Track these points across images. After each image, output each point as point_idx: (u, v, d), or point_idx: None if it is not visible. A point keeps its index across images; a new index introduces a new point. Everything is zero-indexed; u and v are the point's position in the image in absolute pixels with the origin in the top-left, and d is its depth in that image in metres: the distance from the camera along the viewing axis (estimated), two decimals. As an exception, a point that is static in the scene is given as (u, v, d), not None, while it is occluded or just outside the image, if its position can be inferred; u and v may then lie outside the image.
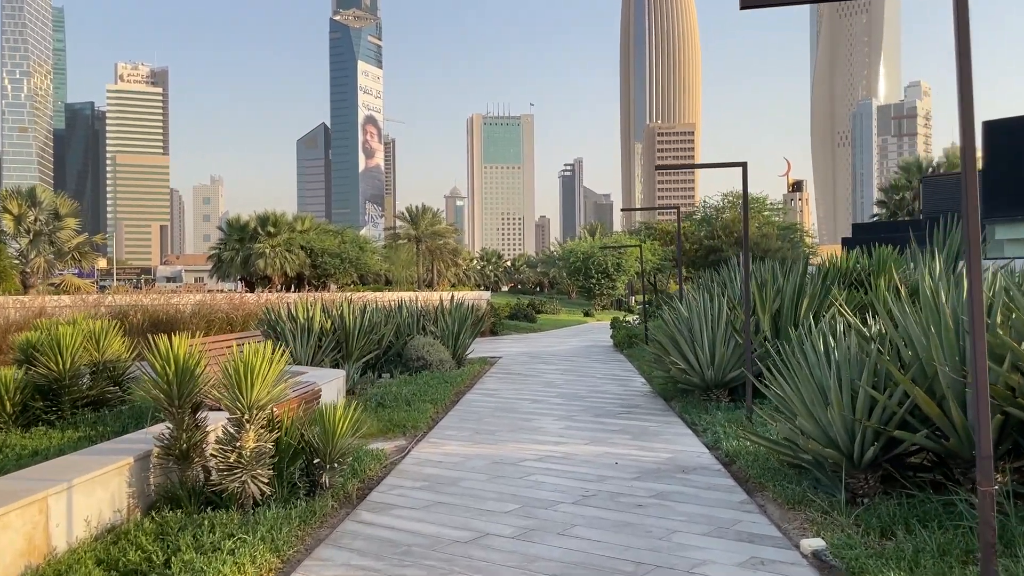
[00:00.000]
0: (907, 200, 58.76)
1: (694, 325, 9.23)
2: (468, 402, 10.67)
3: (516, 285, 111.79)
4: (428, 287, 69.91)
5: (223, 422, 5.27)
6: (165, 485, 5.29)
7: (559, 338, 26.15)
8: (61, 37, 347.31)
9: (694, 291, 15.85)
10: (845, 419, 5.11)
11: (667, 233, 66.41)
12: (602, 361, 16.65)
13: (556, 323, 35.73)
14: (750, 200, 70.25)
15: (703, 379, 9.13)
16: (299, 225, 71.95)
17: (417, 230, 70.46)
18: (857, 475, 5.27)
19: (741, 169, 8.66)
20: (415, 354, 12.93)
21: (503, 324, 28.03)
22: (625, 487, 6.00)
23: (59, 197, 40.37)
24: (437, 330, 14.48)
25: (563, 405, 10.30)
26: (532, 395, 11.33)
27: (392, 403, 9.77)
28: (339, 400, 9.85)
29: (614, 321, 21.26)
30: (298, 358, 11.58)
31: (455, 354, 14.29)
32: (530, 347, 21.32)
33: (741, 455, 6.78)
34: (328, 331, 12.08)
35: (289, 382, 5.72)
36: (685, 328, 9.37)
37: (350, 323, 12.19)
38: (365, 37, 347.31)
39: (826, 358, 5.39)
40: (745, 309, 8.41)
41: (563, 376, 13.78)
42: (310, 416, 5.95)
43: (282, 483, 5.34)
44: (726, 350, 8.95)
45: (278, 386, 5.29)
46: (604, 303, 51.09)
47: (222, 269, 69.93)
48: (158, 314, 18.36)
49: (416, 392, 10.46)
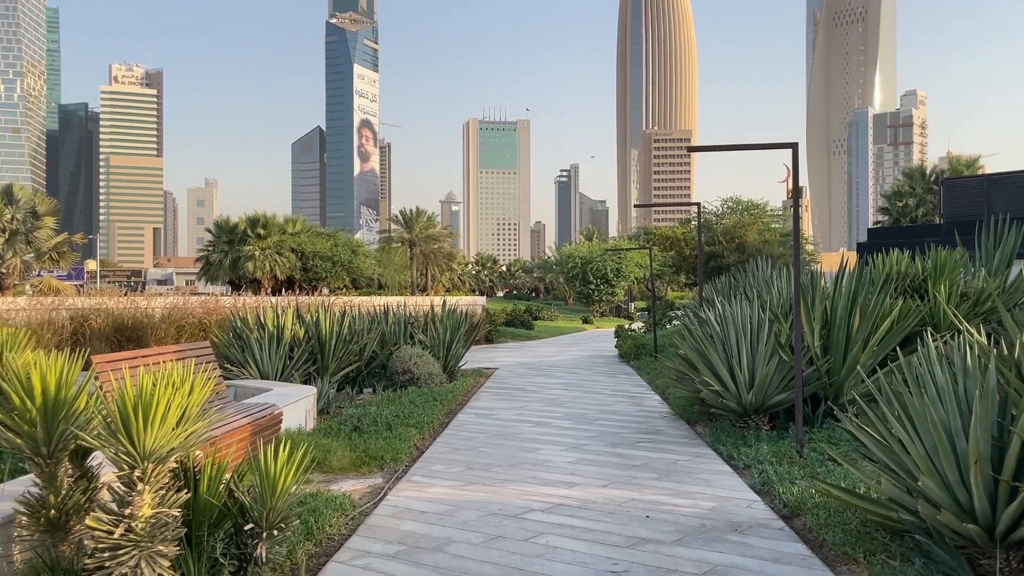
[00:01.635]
0: (910, 207, 57.66)
1: (730, 338, 7.75)
2: (460, 425, 9.18)
3: (512, 290, 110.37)
4: (422, 291, 68.37)
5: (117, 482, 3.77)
6: (34, 563, 3.80)
7: (559, 347, 24.67)
8: (55, 38, 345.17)
9: (723, 297, 14.42)
10: (987, 479, 3.65)
11: (667, 238, 65.07)
12: (608, 374, 15.18)
13: (554, 330, 34.24)
14: (750, 206, 69.13)
15: (740, 402, 7.67)
16: (290, 227, 70.33)
17: (411, 233, 68.92)
18: (994, 553, 3.81)
19: (791, 152, 7.23)
20: (401, 367, 11.44)
21: (499, 331, 26.55)
22: (667, 559, 4.51)
23: (38, 195, 38.81)
24: (427, 339, 12.98)
25: (571, 430, 8.82)
26: (534, 416, 9.85)
27: (370, 427, 8.27)
28: (308, 423, 8.37)
29: (618, 330, 19.80)
30: (265, 372, 10.07)
31: (446, 366, 12.80)
32: (528, 357, 19.84)
33: (805, 506, 5.31)
34: (301, 341, 10.58)
35: (213, 418, 4.22)
36: (718, 342, 7.89)
37: (326, 332, 10.69)
38: (361, 40, 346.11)
39: (951, 392, 3.92)
40: (796, 320, 6.95)
41: (567, 392, 12.30)
42: (267, 443, 4.44)
43: (198, 561, 3.84)
44: (769, 369, 7.48)
45: (195, 424, 3.79)
46: (603, 310, 49.61)
47: (210, 272, 68.29)
48: (123, 318, 16.80)
49: (399, 413, 8.96)
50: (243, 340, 10.22)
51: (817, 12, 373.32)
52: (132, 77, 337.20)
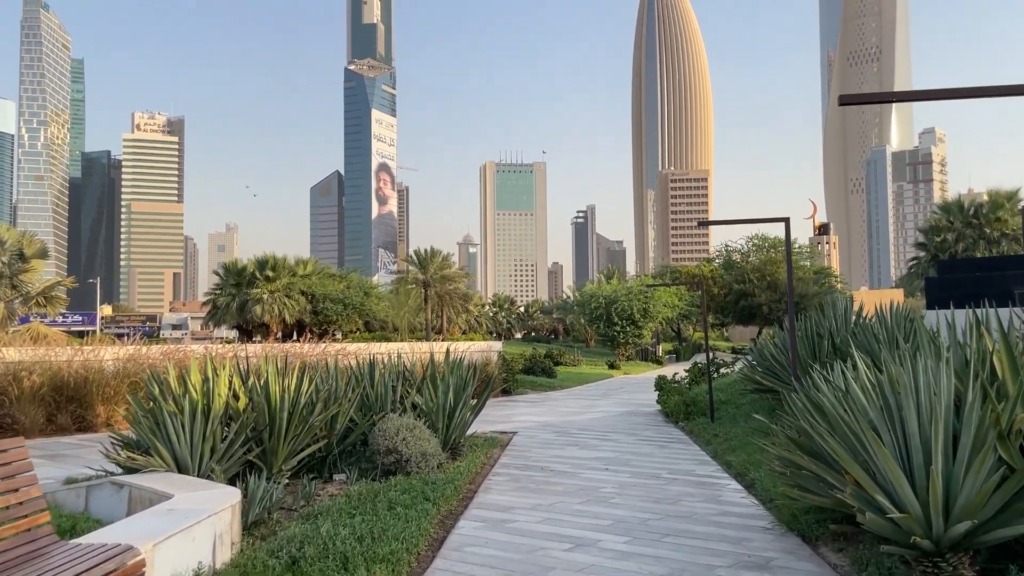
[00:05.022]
0: (949, 242, 54.41)
1: (908, 424, 4.64)
2: (459, 547, 6.05)
3: (530, 332, 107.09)
4: (437, 334, 65.36)
5: None
6: None
7: (586, 399, 21.46)
8: (80, 88, 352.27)
9: (810, 349, 11.26)
10: None
11: (693, 276, 61.76)
12: (657, 443, 11.98)
13: (579, 377, 31.00)
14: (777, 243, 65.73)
15: (928, 530, 4.51)
16: (301, 269, 67.85)
17: (426, 274, 66.17)
18: None
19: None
20: (385, 445, 8.37)
21: (517, 380, 23.41)
22: None
23: (25, 237, 36.52)
24: (423, 401, 9.92)
25: (631, 555, 5.68)
26: (569, 524, 6.71)
27: (315, 563, 5.21)
28: (221, 554, 5.29)
29: (660, 382, 16.62)
30: (183, 461, 7.03)
31: (447, 440, 9.71)
32: (552, 414, 16.67)
33: None
34: (240, 412, 7.55)
35: None
36: (884, 428, 4.77)
37: (277, 398, 7.66)
38: (379, 86, 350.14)
39: None
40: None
41: (612, 475, 9.13)
42: None
43: None
44: (979, 477, 4.35)
45: None
46: (629, 353, 46.18)
47: (217, 316, 65.74)
48: (62, 375, 13.88)
49: (368, 531, 5.86)
50: (155, 414, 7.22)
51: (831, 52, 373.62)
52: (154, 125, 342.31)
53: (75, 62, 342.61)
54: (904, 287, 70.55)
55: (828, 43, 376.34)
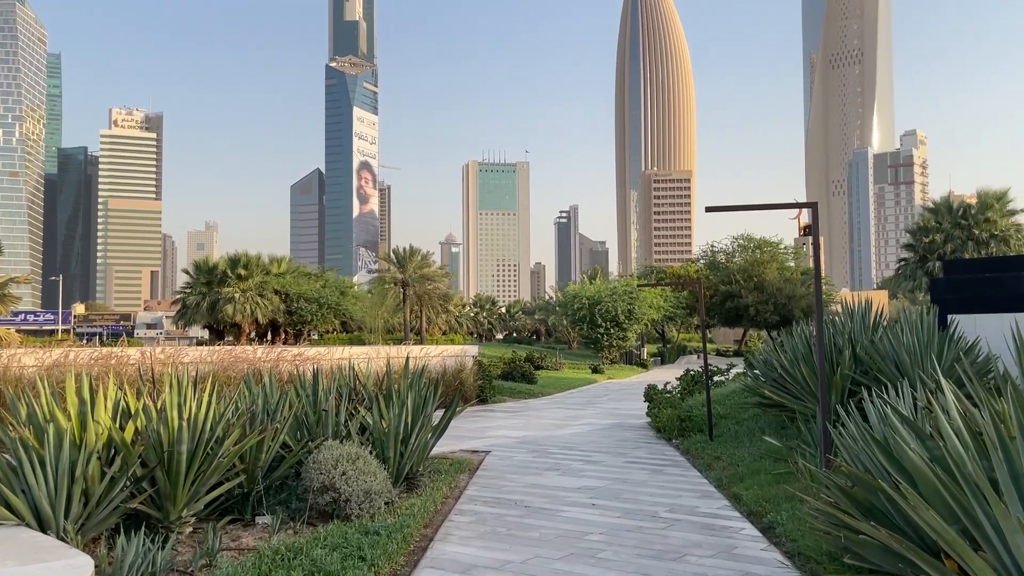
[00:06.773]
0: (937, 242, 53.56)
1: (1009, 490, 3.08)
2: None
3: (511, 332, 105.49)
4: (416, 335, 63.53)
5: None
6: None
7: (569, 408, 19.90)
8: (57, 83, 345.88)
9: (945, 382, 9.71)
10: None
11: (679, 276, 60.44)
12: (651, 467, 10.41)
13: (561, 383, 29.44)
14: (763, 243, 64.65)
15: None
16: (275, 268, 65.80)
17: (404, 273, 64.17)
18: None
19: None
20: (319, 480, 6.73)
21: (495, 388, 21.79)
22: None
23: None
24: (372, 422, 8.27)
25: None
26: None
27: None
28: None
29: (650, 391, 15.09)
30: (43, 512, 5.35)
31: (400, 471, 8.06)
32: (532, 429, 15.08)
33: None
34: (123, 446, 5.88)
35: None
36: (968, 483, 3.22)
37: (174, 428, 6.00)
38: (361, 83, 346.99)
39: None
40: None
41: (599, 515, 7.54)
42: None
43: None
44: None
45: None
46: (613, 356, 44.66)
47: (187, 315, 63.49)
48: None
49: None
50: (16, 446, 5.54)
51: (814, 54, 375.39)
52: (132, 121, 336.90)
53: (52, 57, 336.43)
54: (889, 288, 69.75)
55: (810, 45, 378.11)
